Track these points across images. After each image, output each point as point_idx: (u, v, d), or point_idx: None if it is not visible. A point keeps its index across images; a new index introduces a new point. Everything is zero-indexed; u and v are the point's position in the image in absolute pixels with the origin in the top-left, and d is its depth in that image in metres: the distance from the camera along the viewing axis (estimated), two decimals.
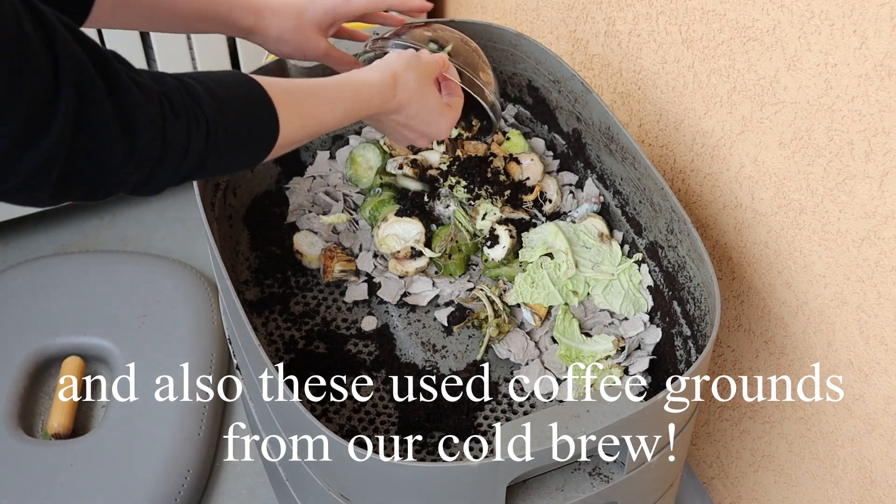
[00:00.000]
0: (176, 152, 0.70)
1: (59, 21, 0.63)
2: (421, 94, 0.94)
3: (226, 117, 0.74)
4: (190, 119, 0.71)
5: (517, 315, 1.17)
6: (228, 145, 0.75)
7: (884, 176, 0.93)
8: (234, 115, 0.75)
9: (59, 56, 0.61)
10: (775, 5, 0.99)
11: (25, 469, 1.47)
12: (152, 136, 0.68)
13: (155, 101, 0.68)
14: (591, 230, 1.21)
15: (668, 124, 1.26)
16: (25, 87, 0.59)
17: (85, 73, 0.63)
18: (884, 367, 1.02)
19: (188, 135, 0.71)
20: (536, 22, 1.53)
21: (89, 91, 0.63)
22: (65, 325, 1.67)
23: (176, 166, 0.71)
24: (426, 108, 0.96)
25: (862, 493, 1.13)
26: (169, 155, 0.70)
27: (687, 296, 1.10)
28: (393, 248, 1.21)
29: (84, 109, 0.63)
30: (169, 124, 0.69)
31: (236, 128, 0.76)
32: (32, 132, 0.60)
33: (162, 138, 0.69)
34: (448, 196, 1.23)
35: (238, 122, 0.76)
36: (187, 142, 0.71)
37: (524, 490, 0.97)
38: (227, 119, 0.74)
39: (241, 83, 0.78)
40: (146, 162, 0.68)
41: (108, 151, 0.65)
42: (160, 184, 0.72)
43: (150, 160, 0.69)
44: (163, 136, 0.69)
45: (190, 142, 0.71)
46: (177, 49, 1.70)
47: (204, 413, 1.57)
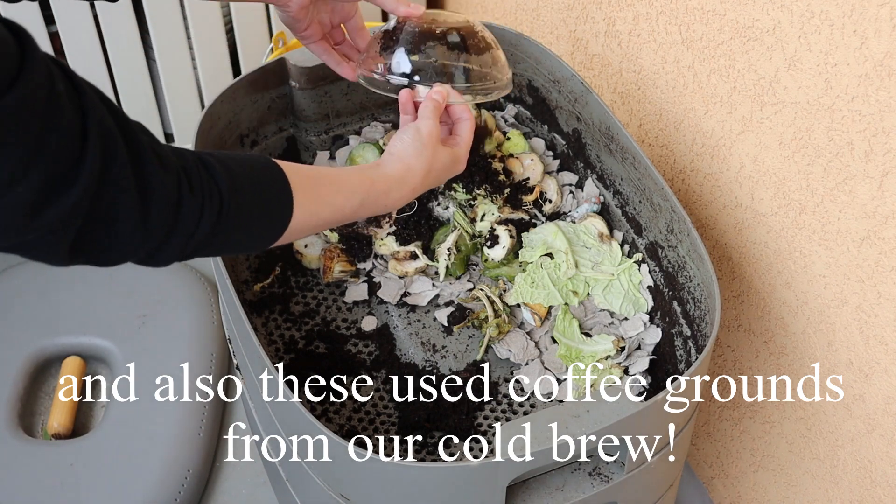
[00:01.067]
0: (187, 227, 0.71)
1: (91, 88, 0.64)
2: (432, 167, 0.94)
3: (239, 194, 0.74)
4: (204, 195, 0.72)
5: (517, 315, 1.17)
6: (240, 222, 0.75)
7: (884, 176, 0.93)
8: (248, 192, 0.76)
9: (89, 119, 0.62)
10: (775, 5, 0.99)
11: (25, 469, 1.47)
12: (167, 208, 0.69)
13: (174, 174, 0.69)
14: (591, 230, 1.21)
15: (668, 124, 1.26)
16: (54, 143, 0.59)
17: (111, 139, 0.64)
18: (884, 367, 1.02)
19: (201, 210, 0.71)
20: (536, 22, 1.53)
21: (113, 157, 0.64)
22: (65, 325, 1.66)
23: (185, 240, 0.72)
24: (439, 171, 0.95)
25: (862, 493, 1.13)
26: (180, 229, 0.70)
27: (687, 296, 1.10)
28: (392, 248, 1.21)
29: (107, 173, 0.64)
30: (185, 199, 0.70)
31: (249, 206, 0.76)
32: (56, 188, 0.61)
33: (175, 212, 0.69)
34: (447, 197, 1.23)
35: (252, 201, 0.76)
36: (199, 216, 0.71)
37: (524, 490, 0.97)
38: (241, 196, 0.75)
39: (260, 162, 0.79)
40: (157, 233, 0.69)
41: (123, 218, 0.66)
42: (168, 257, 0.72)
43: (161, 232, 0.69)
44: (177, 210, 0.70)
45: (202, 216, 0.72)
46: (177, 49, 1.70)
47: (204, 413, 1.57)
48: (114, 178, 0.64)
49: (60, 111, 0.60)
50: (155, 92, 1.77)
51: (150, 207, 0.68)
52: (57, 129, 0.59)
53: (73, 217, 0.63)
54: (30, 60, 0.57)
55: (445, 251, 1.19)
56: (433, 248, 1.21)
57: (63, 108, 0.60)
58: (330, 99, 1.27)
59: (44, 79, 0.59)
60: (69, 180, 0.61)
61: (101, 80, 1.69)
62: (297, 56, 1.21)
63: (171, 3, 1.64)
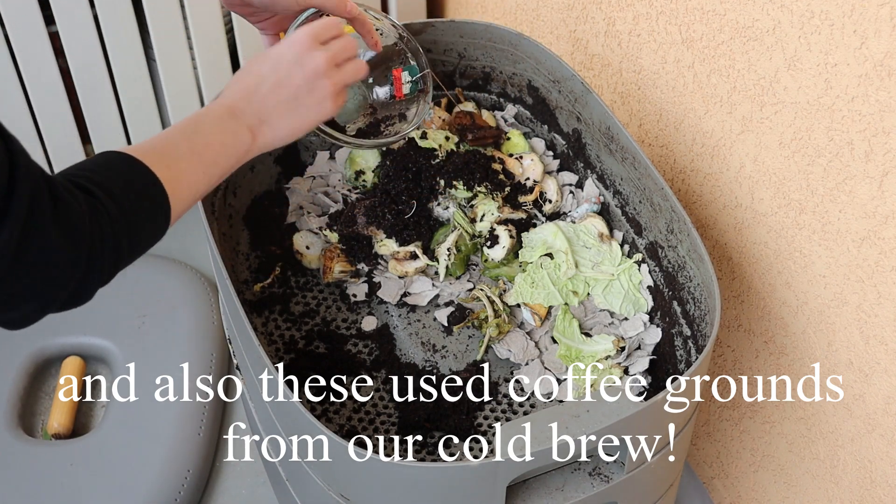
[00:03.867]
0: (98, 245, 0.74)
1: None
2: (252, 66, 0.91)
3: (113, 199, 0.76)
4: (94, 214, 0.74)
5: (517, 315, 1.17)
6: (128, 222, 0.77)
7: (884, 176, 0.93)
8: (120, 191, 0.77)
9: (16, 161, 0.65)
10: (775, 5, 0.99)
11: (25, 469, 1.47)
12: (83, 235, 0.72)
13: (81, 200, 0.73)
14: (591, 230, 1.21)
15: (668, 124, 1.26)
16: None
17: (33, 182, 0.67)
18: (884, 367, 1.02)
19: (100, 227, 0.74)
20: (536, 22, 1.53)
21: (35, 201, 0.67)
22: (65, 325, 1.66)
23: (101, 259, 0.74)
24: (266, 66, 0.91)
25: (862, 493, 1.13)
26: (96, 250, 0.73)
27: (687, 296, 1.10)
28: (392, 248, 1.21)
29: (31, 219, 0.67)
30: (91, 222, 0.73)
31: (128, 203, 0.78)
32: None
33: (89, 236, 0.73)
34: (447, 197, 1.23)
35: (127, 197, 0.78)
36: (101, 233, 0.74)
37: (524, 490, 0.97)
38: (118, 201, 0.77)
39: (110, 160, 0.80)
40: (80, 257, 0.72)
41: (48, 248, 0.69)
42: (93, 282, 0.75)
43: (83, 256, 0.72)
44: (90, 234, 0.73)
45: (102, 233, 0.74)
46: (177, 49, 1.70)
47: (204, 413, 1.57)
48: (39, 215, 0.68)
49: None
50: (155, 92, 1.77)
51: (71, 237, 0.71)
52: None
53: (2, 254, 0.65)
54: None
55: (445, 251, 1.19)
56: (433, 248, 1.21)
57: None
58: None
59: None
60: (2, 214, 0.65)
61: (101, 80, 1.69)
62: None
63: (171, 3, 1.64)
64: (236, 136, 0.87)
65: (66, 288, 0.73)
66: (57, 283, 0.72)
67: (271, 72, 0.90)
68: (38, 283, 0.70)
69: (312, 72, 0.90)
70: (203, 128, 0.86)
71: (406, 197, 1.22)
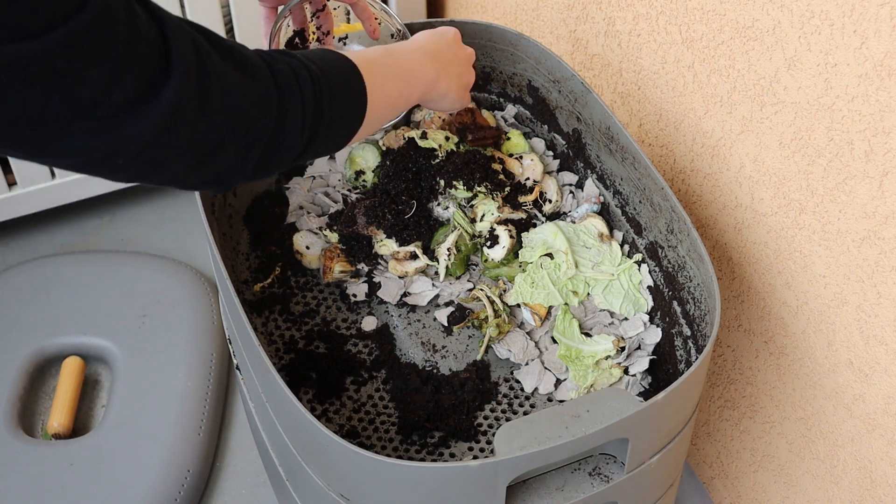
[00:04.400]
0: (292, 89, 0.72)
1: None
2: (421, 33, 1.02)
3: (321, 70, 0.77)
4: (289, 63, 0.73)
5: (517, 315, 1.17)
6: (332, 90, 0.77)
7: (884, 176, 0.93)
8: (327, 67, 0.78)
9: (162, 17, 0.64)
10: (775, 5, 0.99)
11: (25, 469, 1.47)
12: (263, 72, 0.70)
13: (253, 55, 0.71)
14: (591, 230, 1.21)
15: (668, 124, 1.26)
16: (139, 48, 0.61)
17: (186, 29, 0.66)
18: (884, 367, 1.02)
19: (295, 74, 0.73)
20: (536, 22, 1.53)
21: (195, 40, 0.66)
22: (65, 325, 1.67)
23: (299, 108, 0.73)
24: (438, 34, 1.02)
25: (862, 493, 1.13)
26: (287, 94, 0.72)
27: (687, 296, 1.10)
28: (392, 248, 1.21)
29: (200, 55, 0.65)
30: (272, 65, 0.71)
31: (332, 76, 0.78)
32: (152, 88, 0.62)
33: (272, 75, 0.71)
34: (447, 197, 1.23)
35: (333, 74, 0.79)
36: (296, 80, 0.72)
37: (524, 490, 0.97)
38: (325, 73, 0.77)
39: (316, 51, 0.81)
40: (268, 98, 0.70)
41: (233, 88, 0.67)
42: (291, 135, 0.73)
43: (271, 97, 0.70)
44: (272, 73, 0.71)
45: (299, 80, 0.73)
46: None
47: (204, 413, 1.57)
48: (210, 65, 0.66)
49: (138, 18, 0.62)
50: None
51: (253, 79, 0.69)
52: (138, 31, 0.61)
53: (179, 111, 0.63)
54: None
55: (445, 251, 1.19)
56: (433, 248, 1.21)
57: (139, 16, 0.62)
58: None
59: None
60: (162, 80, 0.62)
61: None
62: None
63: (171, 3, 1.64)
64: (425, 68, 0.96)
65: (262, 137, 0.70)
66: (250, 128, 0.69)
67: (450, 51, 1.02)
68: (228, 129, 0.68)
69: (466, 84, 1.06)
70: (400, 53, 0.94)
71: (406, 197, 1.22)
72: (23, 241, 1.92)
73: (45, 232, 1.94)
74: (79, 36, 0.57)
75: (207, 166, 0.68)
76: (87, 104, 0.59)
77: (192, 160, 0.67)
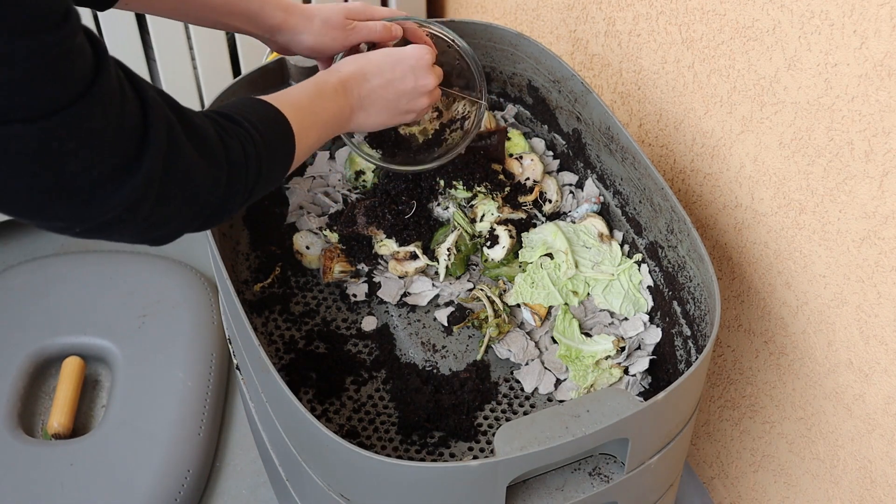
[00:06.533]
0: (239, 164, 0.78)
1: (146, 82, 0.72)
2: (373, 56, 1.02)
3: (254, 127, 0.82)
4: (239, 136, 0.80)
5: (517, 315, 1.17)
6: (269, 155, 0.83)
7: (884, 176, 0.93)
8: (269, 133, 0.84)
9: (146, 100, 0.70)
10: (775, 5, 0.99)
11: (25, 469, 1.47)
12: (219, 151, 0.77)
13: (210, 125, 0.78)
14: (591, 230, 1.21)
15: (668, 124, 1.26)
16: (126, 127, 0.67)
17: (164, 111, 0.71)
18: (884, 367, 1.02)
19: (243, 147, 0.79)
20: (536, 22, 1.53)
21: (170, 123, 0.71)
22: (65, 325, 1.66)
23: (243, 178, 0.79)
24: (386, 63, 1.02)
25: (862, 493, 1.13)
26: (235, 169, 0.78)
27: (687, 296, 1.10)
28: (392, 248, 1.21)
29: (171, 138, 0.71)
30: (226, 141, 0.78)
31: (273, 142, 0.84)
32: (129, 164, 0.67)
33: (225, 152, 0.77)
34: (447, 197, 1.23)
35: (273, 138, 0.85)
36: (244, 154, 0.79)
37: (524, 490, 0.97)
38: (257, 129, 0.83)
39: (246, 101, 0.87)
40: (220, 174, 0.76)
41: (192, 169, 0.73)
42: (234, 200, 0.79)
43: (222, 173, 0.76)
44: (225, 150, 0.77)
45: (246, 154, 0.79)
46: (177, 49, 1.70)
47: (204, 413, 1.57)
48: (176, 142, 0.71)
49: (127, 101, 0.67)
50: None
51: (209, 155, 0.75)
52: (126, 114, 0.67)
53: (147, 188, 0.68)
54: (103, 63, 0.65)
55: (445, 251, 1.19)
56: (433, 248, 1.21)
57: (128, 97, 0.68)
58: None
59: (114, 76, 0.67)
60: (136, 159, 0.67)
61: None
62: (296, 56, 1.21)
63: None
64: (342, 109, 0.97)
65: (209, 206, 0.77)
66: (201, 201, 0.75)
67: (389, 69, 1.01)
68: (183, 202, 0.74)
69: (423, 87, 1.03)
70: (323, 93, 0.95)
71: (406, 197, 1.22)
72: (23, 241, 1.92)
73: (45, 232, 1.93)
74: (80, 118, 0.63)
75: (157, 229, 0.74)
76: (68, 178, 0.64)
77: (145, 226, 0.72)
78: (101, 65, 0.64)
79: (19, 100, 0.59)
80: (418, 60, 1.03)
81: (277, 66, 1.22)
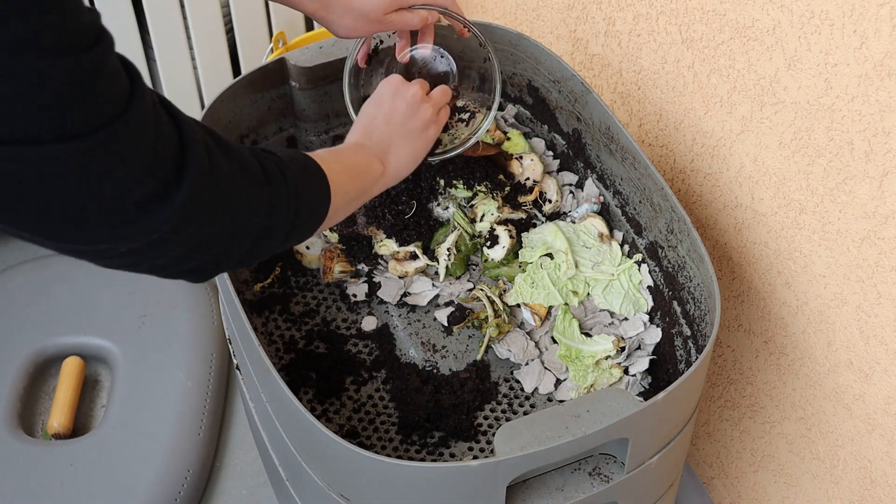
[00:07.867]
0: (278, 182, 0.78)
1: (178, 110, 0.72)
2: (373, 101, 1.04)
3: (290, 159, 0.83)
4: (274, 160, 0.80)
5: (517, 315, 1.17)
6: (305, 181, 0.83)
7: (884, 176, 0.93)
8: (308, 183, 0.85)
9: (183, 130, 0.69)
10: (775, 5, 0.99)
11: (25, 469, 1.47)
12: (257, 170, 0.76)
13: (245, 149, 0.78)
14: (591, 230, 1.21)
15: (668, 124, 1.26)
16: (161, 151, 0.67)
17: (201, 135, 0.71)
18: (884, 367, 1.02)
19: (280, 169, 0.79)
20: (536, 22, 1.53)
21: (208, 145, 0.71)
22: (65, 325, 1.66)
23: (284, 198, 0.78)
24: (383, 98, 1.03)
25: (862, 493, 1.13)
26: (275, 188, 0.78)
27: (687, 296, 1.10)
28: (392, 248, 1.21)
29: (211, 159, 0.71)
30: (263, 162, 0.78)
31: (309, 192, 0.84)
32: (172, 181, 0.67)
33: (263, 172, 0.77)
34: (447, 197, 1.23)
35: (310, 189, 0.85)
36: (281, 175, 0.79)
37: (524, 490, 0.97)
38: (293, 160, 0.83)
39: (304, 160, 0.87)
40: (262, 193, 0.76)
41: (234, 188, 0.73)
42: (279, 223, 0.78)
43: (264, 192, 0.76)
44: (263, 170, 0.77)
45: (284, 175, 0.79)
46: (177, 49, 1.70)
47: (204, 413, 1.57)
48: (218, 165, 0.71)
49: (162, 124, 0.67)
50: None
51: (253, 181, 0.75)
52: (161, 136, 0.66)
53: (190, 210, 0.68)
54: (138, 87, 0.65)
55: (445, 251, 1.19)
56: (433, 248, 1.21)
57: (163, 120, 0.67)
58: (330, 99, 1.27)
59: (149, 99, 0.67)
60: (176, 181, 0.67)
61: None
62: (297, 56, 1.21)
63: (171, 3, 1.64)
64: (370, 163, 0.98)
65: (255, 227, 0.76)
66: (246, 220, 0.75)
67: (378, 108, 1.04)
68: (229, 222, 0.73)
69: (412, 97, 1.05)
70: (339, 152, 0.96)
71: (406, 197, 1.22)
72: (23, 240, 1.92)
73: None
74: (115, 140, 0.62)
75: (202, 253, 0.73)
76: (108, 200, 0.64)
77: (183, 251, 0.71)
78: (136, 88, 0.65)
79: (53, 120, 0.59)
80: (394, 87, 1.05)
81: (277, 66, 1.22)
